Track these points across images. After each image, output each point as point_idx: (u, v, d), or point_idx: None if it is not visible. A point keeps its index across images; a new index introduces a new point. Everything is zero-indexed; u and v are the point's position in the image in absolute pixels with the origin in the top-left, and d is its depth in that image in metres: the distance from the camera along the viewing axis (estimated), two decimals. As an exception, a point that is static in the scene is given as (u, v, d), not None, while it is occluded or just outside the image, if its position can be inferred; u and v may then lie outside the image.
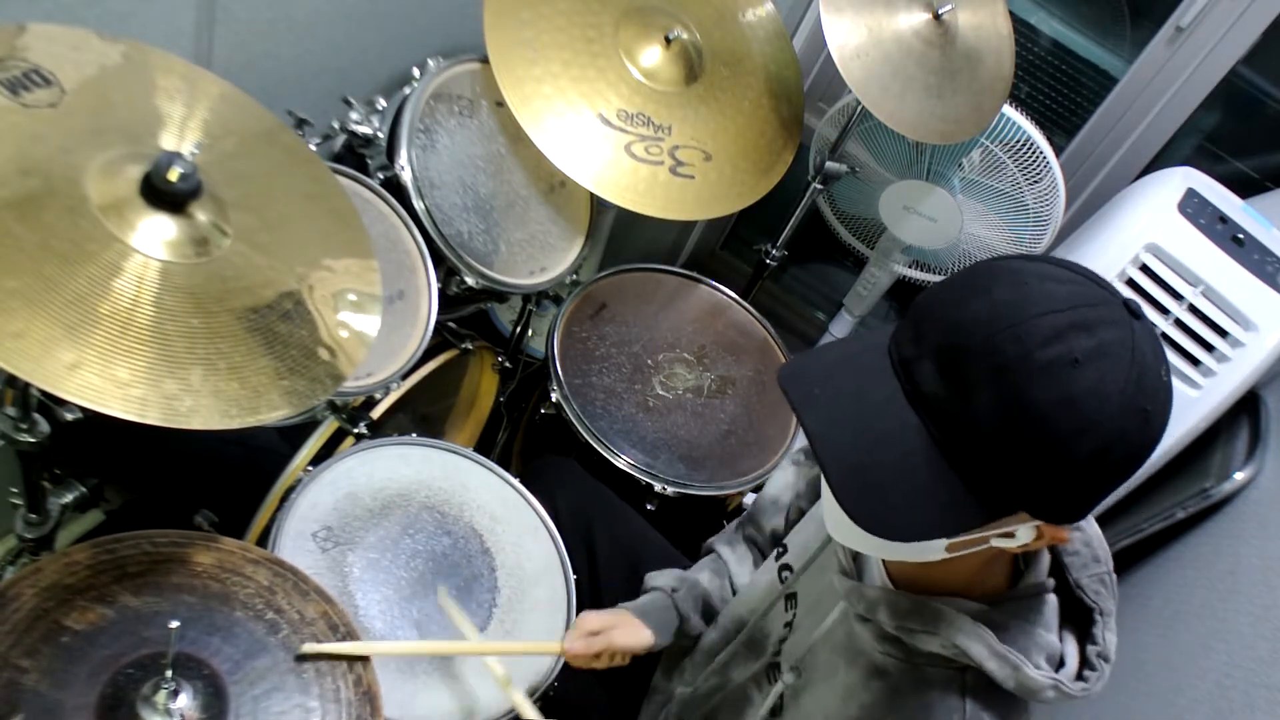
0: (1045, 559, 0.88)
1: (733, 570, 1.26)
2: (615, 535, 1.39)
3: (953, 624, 0.83)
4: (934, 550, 0.77)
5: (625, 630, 1.14)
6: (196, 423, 0.80)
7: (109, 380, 0.77)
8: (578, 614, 1.25)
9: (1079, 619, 0.87)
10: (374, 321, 1.00)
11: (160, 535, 0.94)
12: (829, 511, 0.87)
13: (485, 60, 1.42)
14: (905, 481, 0.72)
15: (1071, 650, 0.85)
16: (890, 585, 0.91)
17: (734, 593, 1.24)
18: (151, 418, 0.78)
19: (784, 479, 1.24)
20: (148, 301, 0.82)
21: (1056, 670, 0.83)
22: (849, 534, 0.84)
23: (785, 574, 1.10)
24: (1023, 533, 0.76)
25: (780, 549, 1.13)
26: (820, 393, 0.76)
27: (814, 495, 1.18)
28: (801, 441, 1.65)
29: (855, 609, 0.92)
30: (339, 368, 0.94)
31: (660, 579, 1.23)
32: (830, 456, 0.73)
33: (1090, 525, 0.89)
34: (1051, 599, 0.86)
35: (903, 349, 0.74)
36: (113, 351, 0.78)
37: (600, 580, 1.35)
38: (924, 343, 0.73)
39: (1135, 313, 0.70)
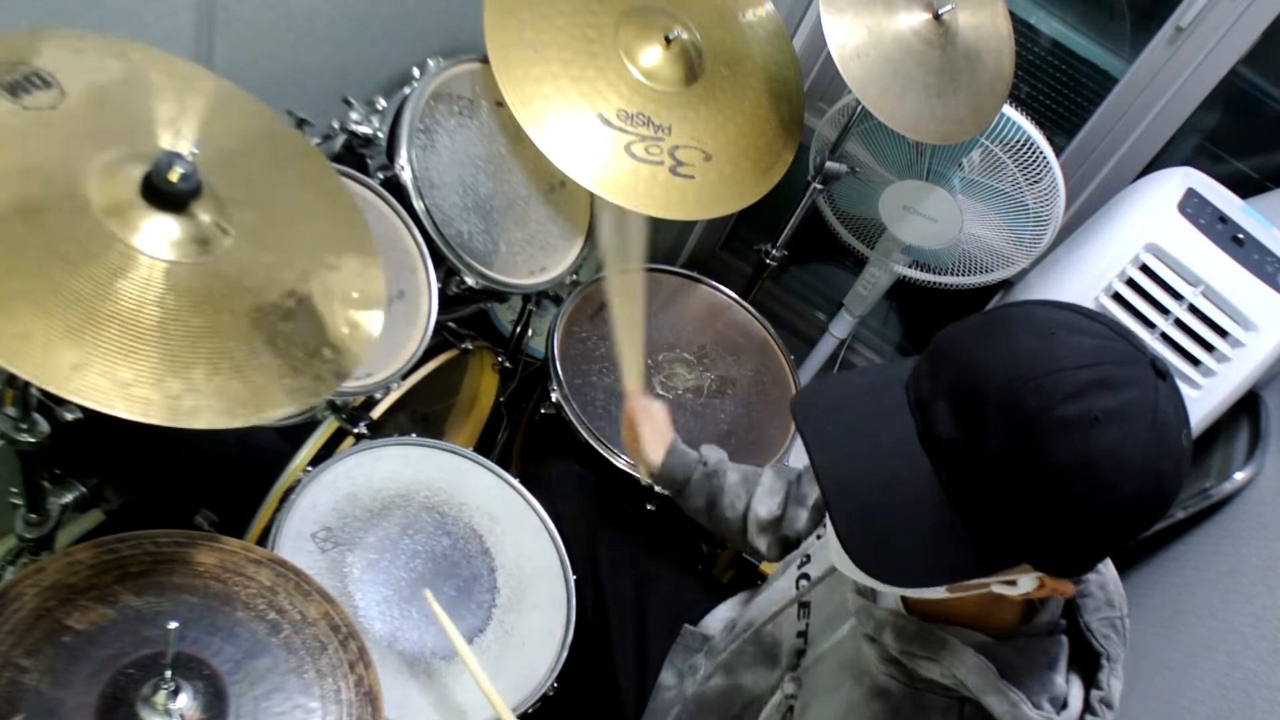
0: (1059, 597, 0.87)
1: (759, 492, 1.27)
2: (620, 538, 1.39)
3: (955, 654, 0.82)
4: (934, 590, 0.77)
5: (657, 436, 1.30)
6: (200, 422, 0.80)
7: (112, 381, 0.77)
8: (579, 614, 1.25)
9: (1086, 661, 0.85)
10: (378, 317, 1.00)
11: (163, 535, 0.94)
12: (833, 542, 0.86)
13: (485, 60, 1.42)
14: (909, 528, 0.71)
15: (1076, 693, 0.83)
16: (903, 609, 0.90)
17: (747, 507, 1.27)
18: (155, 418, 0.78)
19: None
20: (151, 302, 0.82)
21: (1059, 712, 0.81)
22: (850, 565, 0.83)
23: (803, 582, 1.09)
24: (1025, 582, 0.75)
25: (804, 558, 1.11)
26: (833, 428, 0.74)
27: None
28: (800, 445, 1.64)
29: (863, 628, 0.92)
30: (343, 365, 0.94)
31: (708, 450, 1.30)
32: (837, 496, 0.72)
33: (1107, 568, 0.87)
34: (1061, 639, 0.85)
35: (920, 387, 0.73)
36: (116, 352, 0.78)
37: (603, 582, 1.34)
38: (940, 382, 0.71)
39: (1161, 372, 0.68)
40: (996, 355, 0.69)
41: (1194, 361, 1.55)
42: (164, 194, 0.85)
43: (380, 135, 1.34)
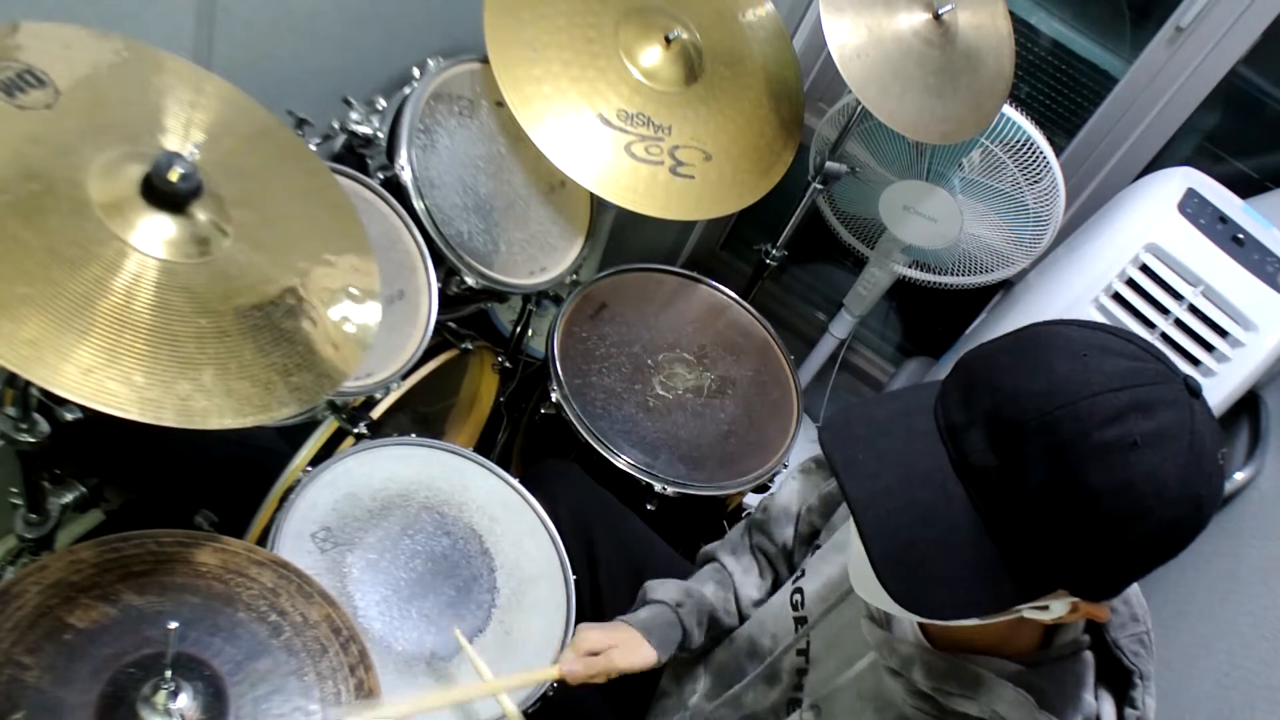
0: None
1: (738, 581, 1.22)
2: (617, 538, 1.38)
3: (992, 690, 0.80)
4: (966, 619, 0.75)
5: (626, 649, 1.12)
6: (211, 423, 0.80)
7: (124, 384, 0.77)
8: (578, 615, 1.25)
9: (1115, 679, 0.84)
10: (375, 313, 1.00)
11: (166, 535, 0.94)
12: (855, 569, 0.85)
13: (485, 60, 1.42)
14: (948, 560, 0.70)
15: (1109, 711, 0.82)
16: (923, 638, 0.89)
17: (738, 603, 1.21)
18: (168, 420, 0.77)
19: (792, 488, 1.21)
20: (155, 303, 0.82)
21: None
22: (876, 595, 0.81)
23: (796, 598, 1.08)
24: (1057, 606, 0.74)
25: (800, 573, 1.10)
26: (864, 458, 0.72)
27: (825, 511, 1.16)
28: (800, 445, 1.65)
29: (887, 662, 0.89)
30: (344, 361, 0.94)
31: (662, 591, 1.19)
32: (874, 531, 0.70)
33: None
34: (1087, 656, 0.84)
35: (950, 414, 0.72)
36: (124, 354, 0.78)
37: (601, 583, 1.34)
38: (973, 409, 0.70)
39: (1194, 391, 0.68)
40: (1031, 382, 0.68)
41: (1194, 362, 1.55)
42: (164, 194, 0.85)
43: (380, 135, 1.34)
